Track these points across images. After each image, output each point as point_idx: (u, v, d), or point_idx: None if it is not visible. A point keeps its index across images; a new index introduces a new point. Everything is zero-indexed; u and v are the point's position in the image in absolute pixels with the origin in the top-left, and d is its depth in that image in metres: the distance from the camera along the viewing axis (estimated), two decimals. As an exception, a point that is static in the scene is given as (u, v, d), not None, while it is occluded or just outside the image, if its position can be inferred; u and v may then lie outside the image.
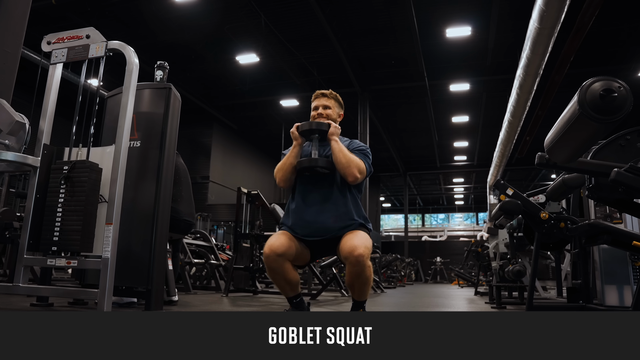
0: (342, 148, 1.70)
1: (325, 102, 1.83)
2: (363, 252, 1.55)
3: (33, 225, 1.96)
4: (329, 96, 1.85)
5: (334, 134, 1.73)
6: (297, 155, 1.75)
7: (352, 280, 1.60)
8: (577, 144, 1.62)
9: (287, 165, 1.74)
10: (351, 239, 1.60)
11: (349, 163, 1.67)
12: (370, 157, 1.78)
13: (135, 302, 2.48)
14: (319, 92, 1.86)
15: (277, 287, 1.74)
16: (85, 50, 2.07)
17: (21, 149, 1.97)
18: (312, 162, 1.69)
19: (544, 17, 4.15)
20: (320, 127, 1.71)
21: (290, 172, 1.74)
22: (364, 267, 1.56)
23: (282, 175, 1.74)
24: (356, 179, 1.69)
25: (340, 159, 1.68)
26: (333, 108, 1.84)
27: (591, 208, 2.82)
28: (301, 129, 1.75)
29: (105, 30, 2.26)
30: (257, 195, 4.19)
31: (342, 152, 1.69)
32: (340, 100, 1.89)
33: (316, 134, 1.73)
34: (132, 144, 2.24)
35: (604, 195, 1.88)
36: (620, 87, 1.37)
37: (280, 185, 1.77)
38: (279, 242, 1.63)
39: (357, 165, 1.69)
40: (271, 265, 1.63)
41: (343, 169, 1.67)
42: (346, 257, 1.57)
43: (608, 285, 2.68)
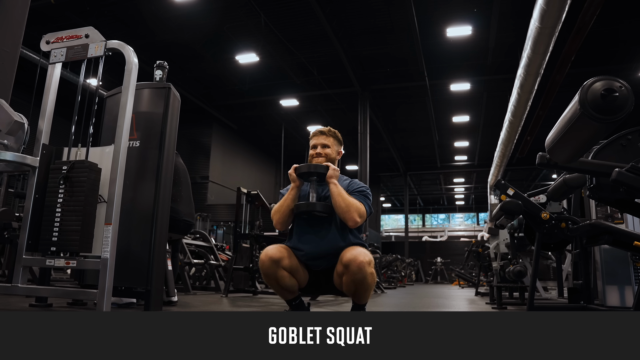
0: (341, 192, 1.67)
1: (323, 140, 1.81)
2: (364, 259, 1.54)
3: (32, 226, 1.95)
4: (328, 134, 1.82)
5: (332, 177, 1.69)
6: (294, 198, 1.72)
7: (354, 287, 1.58)
8: (578, 144, 1.62)
9: (284, 208, 1.72)
10: (350, 250, 1.59)
11: (348, 207, 1.64)
12: (370, 198, 1.75)
13: (134, 302, 2.47)
14: (317, 131, 1.83)
15: (275, 291, 1.73)
16: (84, 49, 2.07)
17: (20, 148, 1.96)
18: (310, 206, 1.67)
19: (544, 17, 4.14)
20: (318, 170, 1.69)
21: (287, 215, 1.72)
22: (366, 274, 1.54)
23: (279, 218, 1.73)
24: (356, 224, 1.66)
25: (339, 203, 1.64)
26: (332, 146, 1.81)
27: (592, 208, 2.81)
28: (299, 171, 1.71)
29: (105, 29, 2.26)
30: (257, 195, 4.19)
31: (342, 196, 1.65)
32: (339, 137, 1.86)
33: (314, 177, 1.71)
34: (132, 143, 2.23)
35: (605, 196, 1.87)
36: (621, 86, 1.36)
37: (277, 227, 1.76)
38: (276, 250, 1.63)
39: (357, 209, 1.65)
40: (266, 271, 1.62)
41: (343, 213, 1.64)
42: (347, 265, 1.55)
43: (609, 285, 2.67)
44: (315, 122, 12.36)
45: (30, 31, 2.31)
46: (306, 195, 1.75)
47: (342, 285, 1.63)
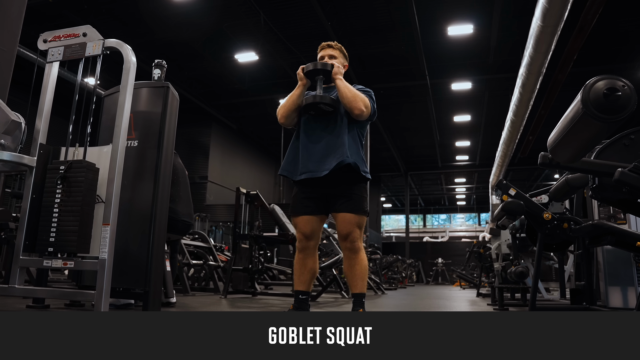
0: (347, 85, 1.76)
1: (330, 52, 1.90)
2: (355, 235, 1.71)
3: (29, 226, 1.93)
4: (334, 47, 1.92)
5: (337, 73, 1.78)
6: (300, 95, 1.79)
7: (348, 263, 1.74)
8: (581, 144, 1.60)
9: (290, 102, 1.79)
10: (345, 219, 1.71)
11: (354, 97, 1.73)
12: (374, 100, 1.84)
13: (132, 303, 2.46)
14: (325, 44, 1.93)
15: (295, 274, 1.80)
16: (82, 48, 2.05)
17: (17, 148, 1.95)
18: (316, 98, 1.72)
19: (547, 15, 4.10)
20: (325, 67, 1.77)
21: (292, 110, 1.79)
22: (357, 249, 1.73)
23: (285, 112, 1.79)
24: (362, 112, 1.73)
25: (345, 93, 1.73)
26: (338, 58, 1.90)
27: (595, 208, 2.79)
28: (306, 69, 1.79)
29: (102, 28, 2.25)
30: (256, 195, 4.17)
31: (348, 88, 1.74)
32: (344, 52, 1.95)
33: (320, 75, 1.78)
34: (130, 143, 2.21)
35: (607, 196, 1.86)
36: (624, 85, 1.34)
37: (281, 122, 1.82)
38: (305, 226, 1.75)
39: (363, 99, 1.75)
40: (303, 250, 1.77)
41: (349, 102, 1.72)
42: (342, 240, 1.74)
43: (612, 286, 2.65)
44: (316, 121, 12.33)
45: (27, 29, 2.30)
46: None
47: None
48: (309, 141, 1.77)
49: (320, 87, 1.77)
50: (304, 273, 1.76)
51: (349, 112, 1.75)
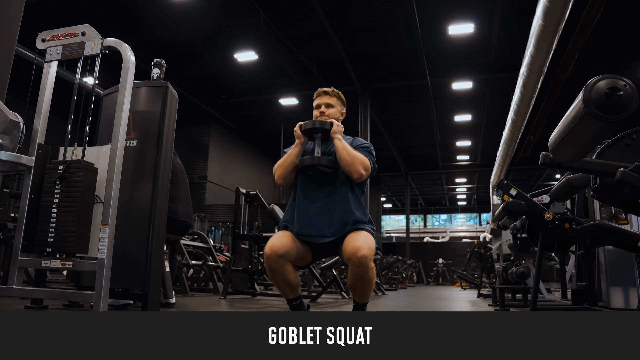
0: (346, 145, 1.68)
1: (327, 100, 1.81)
2: (366, 253, 1.52)
3: (27, 226, 1.93)
4: (331, 94, 1.82)
5: (336, 132, 1.70)
6: (298, 154, 1.72)
7: (354, 281, 1.58)
8: (582, 144, 1.58)
9: (287, 163, 1.71)
10: (354, 239, 1.57)
11: (353, 160, 1.65)
12: (374, 155, 1.76)
13: (131, 304, 2.45)
14: (321, 90, 1.83)
15: (277, 289, 1.72)
16: (80, 47, 2.04)
17: (15, 148, 1.94)
18: (314, 160, 1.67)
19: (548, 14, 4.09)
20: (323, 126, 1.70)
21: (290, 170, 1.71)
22: (367, 268, 1.54)
23: (282, 173, 1.72)
24: (361, 176, 1.66)
25: (344, 156, 1.65)
26: (336, 106, 1.82)
27: (596, 209, 2.78)
28: (304, 127, 1.72)
29: (101, 27, 2.23)
30: (256, 195, 4.16)
31: (346, 150, 1.66)
32: (342, 98, 1.86)
33: (319, 133, 1.71)
34: (129, 143, 2.21)
35: (609, 196, 1.85)
36: (625, 85, 1.33)
37: (278, 182, 1.74)
38: (280, 243, 1.60)
39: (362, 161, 1.66)
40: (272, 266, 1.60)
41: (347, 166, 1.64)
42: (349, 258, 1.54)
43: (613, 287, 2.64)
44: (316, 121, 12.30)
45: (25, 29, 2.29)
46: (310, 152, 1.75)
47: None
48: (307, 204, 1.68)
49: (319, 147, 1.71)
50: (284, 287, 1.65)
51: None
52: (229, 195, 11.19)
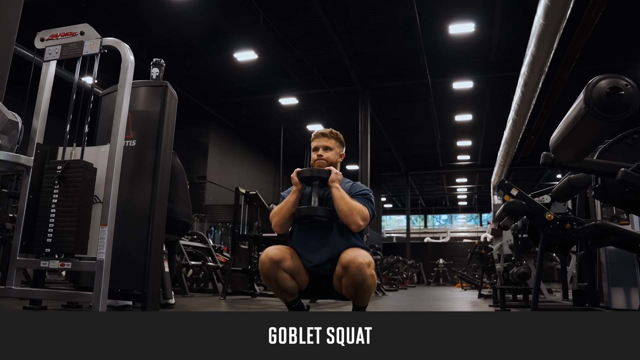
0: (344, 195, 1.65)
1: (325, 142, 1.78)
2: (363, 260, 1.51)
3: (26, 227, 1.92)
4: (329, 136, 1.79)
5: (334, 181, 1.67)
6: (295, 202, 1.70)
7: (354, 289, 1.55)
8: (583, 143, 1.58)
9: (284, 211, 1.69)
10: (350, 251, 1.57)
11: (351, 211, 1.62)
12: (373, 202, 1.73)
13: (130, 305, 2.44)
14: (319, 132, 1.81)
15: (275, 293, 1.71)
16: (79, 47, 2.03)
17: (14, 148, 1.93)
18: (311, 210, 1.66)
19: (549, 13, 4.07)
20: (321, 175, 1.68)
21: (287, 219, 1.70)
22: (366, 275, 1.51)
23: (279, 221, 1.70)
24: (359, 227, 1.64)
25: (342, 207, 1.62)
26: (334, 148, 1.79)
27: (597, 209, 2.77)
28: (301, 175, 1.70)
29: (100, 26, 2.22)
30: (256, 195, 4.15)
31: (344, 200, 1.63)
32: (341, 139, 1.83)
33: (316, 181, 1.70)
34: (128, 143, 2.20)
35: (610, 196, 1.84)
36: (627, 84, 1.33)
37: (275, 230, 1.73)
38: (277, 250, 1.61)
39: (360, 212, 1.63)
40: (266, 272, 1.60)
41: (345, 217, 1.62)
42: (346, 267, 1.52)
43: (615, 287, 2.63)
44: (315, 121, 12.31)
45: (24, 28, 2.28)
46: (307, 197, 1.73)
47: (341, 288, 1.60)
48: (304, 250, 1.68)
49: (316, 195, 1.69)
50: (280, 293, 1.65)
51: None
52: (228, 195, 11.18)
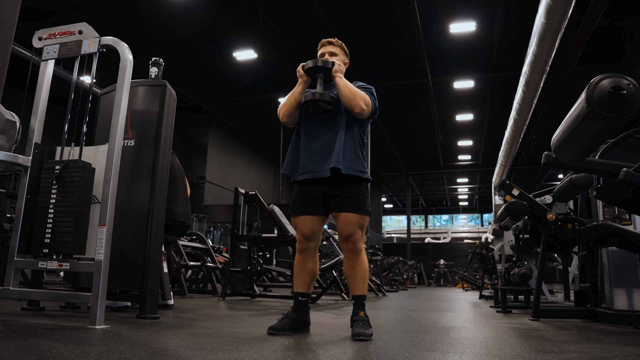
0: (347, 82, 1.75)
1: (331, 49, 1.88)
2: (357, 236, 1.69)
3: (24, 227, 1.91)
4: (335, 44, 1.90)
5: (338, 71, 1.76)
6: (301, 92, 1.78)
7: (349, 266, 1.73)
8: (585, 143, 1.56)
9: (291, 101, 1.78)
10: (347, 219, 1.69)
11: (354, 95, 1.71)
12: (375, 97, 1.83)
13: (129, 306, 2.43)
14: (325, 40, 1.91)
15: (294, 275, 1.80)
16: (77, 46, 2.02)
17: (11, 148, 1.93)
18: (316, 95, 1.71)
19: (550, 12, 4.05)
20: (325, 65, 1.76)
21: (294, 108, 1.78)
22: (359, 250, 1.71)
23: (286, 110, 1.78)
24: (362, 110, 1.71)
25: (345, 92, 1.71)
26: (339, 55, 1.88)
27: (599, 209, 2.75)
28: (307, 66, 1.78)
29: (98, 25, 2.21)
30: (255, 195, 4.13)
31: (347, 86, 1.73)
32: (345, 49, 1.93)
33: (321, 72, 1.77)
34: (126, 143, 2.19)
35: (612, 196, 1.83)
36: (629, 84, 1.32)
37: (282, 120, 1.80)
38: (306, 226, 1.74)
39: (363, 97, 1.73)
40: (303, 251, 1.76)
41: (349, 101, 1.70)
42: (342, 240, 1.72)
43: (617, 288, 2.61)
44: (317, 120, 12.26)
45: (22, 27, 2.27)
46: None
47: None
48: (309, 140, 1.76)
49: (321, 85, 1.75)
50: (303, 275, 1.76)
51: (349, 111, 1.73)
52: (227, 195, 11.17)
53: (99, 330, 1.61)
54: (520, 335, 1.93)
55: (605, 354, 1.46)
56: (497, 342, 1.69)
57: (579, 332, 2.09)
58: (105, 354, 1.16)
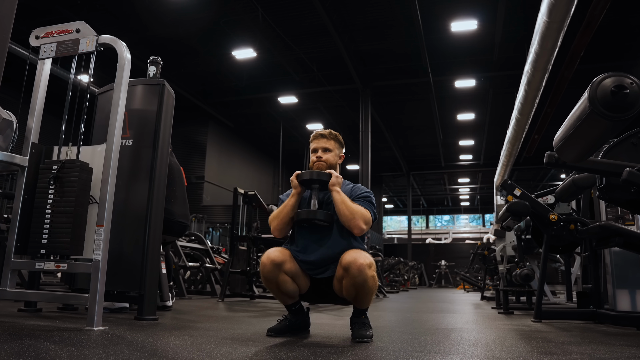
0: (345, 199, 1.62)
1: (324, 144, 1.75)
2: (364, 261, 1.50)
3: (21, 227, 1.90)
4: (329, 137, 1.77)
5: (335, 185, 1.64)
6: (294, 206, 1.67)
7: (355, 291, 1.54)
8: (588, 143, 1.55)
9: (283, 215, 1.67)
10: (350, 253, 1.55)
11: (353, 215, 1.59)
12: (374, 204, 1.70)
13: (127, 307, 2.42)
14: (318, 133, 1.78)
15: (276, 297, 1.70)
16: (75, 44, 2.01)
17: (8, 147, 1.91)
18: (310, 214, 1.62)
19: (553, 10, 4.02)
20: (321, 178, 1.65)
21: (286, 223, 1.67)
22: (367, 277, 1.50)
23: (278, 225, 1.67)
24: (362, 231, 1.62)
25: (343, 211, 1.60)
26: (333, 150, 1.76)
27: (602, 209, 2.73)
28: (301, 178, 1.67)
29: (96, 24, 2.20)
30: (254, 196, 4.11)
31: (345, 204, 1.60)
32: (340, 140, 1.81)
33: (316, 184, 1.66)
34: (124, 142, 2.18)
35: (615, 196, 1.82)
36: (632, 83, 1.31)
37: (274, 234, 1.70)
38: (278, 252, 1.59)
39: (362, 215, 1.60)
40: (267, 275, 1.58)
41: (347, 221, 1.60)
42: (347, 268, 1.51)
43: (620, 289, 2.59)
44: (315, 120, 12.27)
45: (18, 25, 2.26)
46: (307, 200, 1.70)
47: (342, 290, 1.58)
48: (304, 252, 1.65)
49: (316, 199, 1.65)
50: (280, 296, 1.65)
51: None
52: (226, 195, 11.17)
53: (97, 331, 1.60)
54: (522, 336, 1.91)
55: (608, 355, 1.44)
56: (499, 343, 1.68)
57: (582, 333, 2.07)
58: (103, 356, 1.14)
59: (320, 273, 1.64)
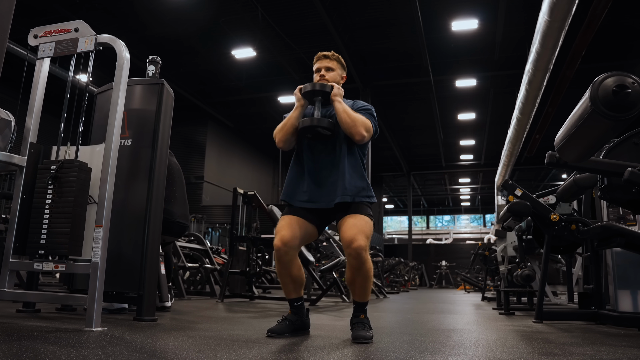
0: (346, 108, 1.68)
1: (327, 63, 1.81)
2: (362, 243, 1.56)
3: (19, 228, 1.89)
4: (331, 58, 1.82)
5: (337, 95, 1.70)
6: (298, 117, 1.72)
7: (352, 274, 1.61)
8: (589, 143, 1.54)
9: (287, 126, 1.71)
10: (351, 227, 1.59)
11: (354, 122, 1.65)
12: (375, 117, 1.76)
13: (126, 308, 2.41)
14: (321, 54, 1.83)
15: (281, 284, 1.73)
16: (73, 44, 2.00)
17: (6, 147, 1.91)
18: (314, 122, 1.66)
19: (554, 10, 4.01)
20: (324, 89, 1.70)
21: (290, 133, 1.72)
22: (364, 260, 1.57)
23: (282, 136, 1.72)
24: (363, 138, 1.66)
25: (345, 118, 1.65)
26: (336, 70, 1.82)
27: (604, 209, 2.71)
28: (304, 90, 1.72)
29: (95, 23, 2.20)
30: (254, 196, 4.10)
31: (347, 112, 1.66)
32: (342, 62, 1.86)
33: (319, 96, 1.71)
34: (123, 142, 2.17)
35: (617, 196, 1.81)
36: (634, 82, 1.30)
37: (279, 146, 1.74)
38: (290, 233, 1.62)
39: (363, 123, 1.67)
40: (282, 258, 1.63)
41: (349, 128, 1.65)
42: (346, 247, 1.59)
43: (621, 290, 2.58)
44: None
45: (17, 24, 2.25)
46: (310, 114, 1.74)
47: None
48: (308, 168, 1.70)
49: (319, 109, 1.70)
50: (289, 283, 1.68)
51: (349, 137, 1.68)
52: (226, 195, 11.16)
53: (96, 332, 1.59)
54: (524, 337, 1.90)
55: (610, 356, 1.43)
56: (500, 344, 1.67)
57: (583, 334, 2.06)
58: (101, 357, 1.13)
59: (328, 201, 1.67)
